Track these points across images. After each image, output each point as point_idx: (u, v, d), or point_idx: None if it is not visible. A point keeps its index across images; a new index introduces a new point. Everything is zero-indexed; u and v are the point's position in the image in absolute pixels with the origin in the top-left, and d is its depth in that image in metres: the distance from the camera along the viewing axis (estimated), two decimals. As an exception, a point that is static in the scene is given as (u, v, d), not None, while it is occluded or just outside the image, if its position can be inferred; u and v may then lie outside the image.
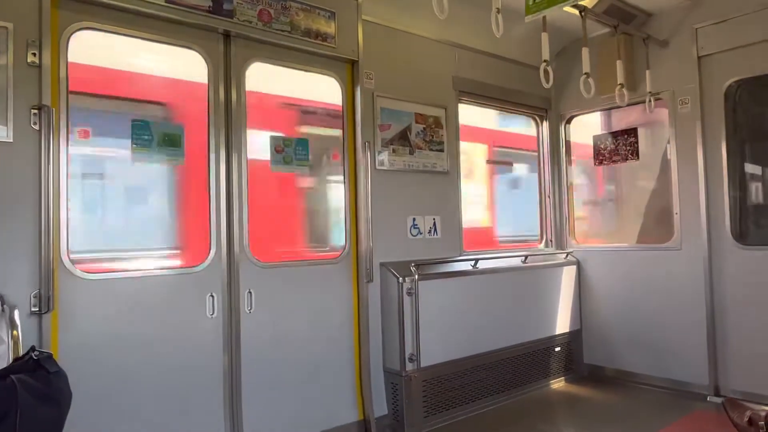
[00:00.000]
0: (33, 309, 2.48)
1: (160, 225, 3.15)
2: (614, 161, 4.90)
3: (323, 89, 3.69)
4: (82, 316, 2.67)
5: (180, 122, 3.09)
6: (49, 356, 1.77)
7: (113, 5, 2.78)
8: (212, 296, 3.09)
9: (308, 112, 3.75)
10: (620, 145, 4.84)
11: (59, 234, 2.61)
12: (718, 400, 3.96)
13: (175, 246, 3.20)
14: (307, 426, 3.40)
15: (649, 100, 4.28)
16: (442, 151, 4.21)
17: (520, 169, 5.42)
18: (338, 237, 3.72)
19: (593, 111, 4.98)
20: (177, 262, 3.10)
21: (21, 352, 1.90)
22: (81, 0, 2.71)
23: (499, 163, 5.19)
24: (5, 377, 1.63)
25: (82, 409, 2.40)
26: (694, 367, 4.21)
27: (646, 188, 4.80)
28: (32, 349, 1.77)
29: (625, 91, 4.03)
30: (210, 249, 3.12)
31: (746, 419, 3.16)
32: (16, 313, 1.98)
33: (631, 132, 4.77)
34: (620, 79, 4.04)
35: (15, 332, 1.92)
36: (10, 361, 1.86)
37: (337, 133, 3.74)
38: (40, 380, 1.69)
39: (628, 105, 4.32)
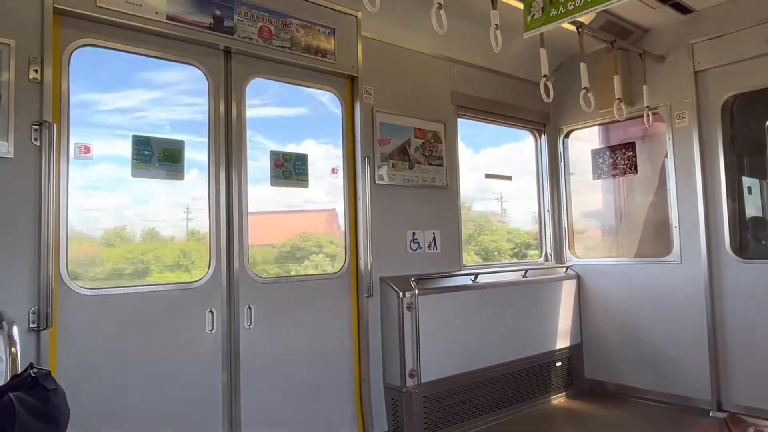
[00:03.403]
0: (32, 325, 2.47)
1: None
2: (613, 175, 4.92)
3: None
4: (81, 332, 2.65)
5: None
6: (48, 373, 1.75)
7: (115, 22, 2.80)
8: (211, 312, 3.08)
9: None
10: (618, 159, 4.86)
11: (59, 250, 2.61)
12: (721, 415, 3.93)
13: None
14: (306, 443, 3.37)
15: (647, 114, 4.31)
16: (441, 165, 4.22)
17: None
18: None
19: (591, 125, 5.01)
20: (176, 278, 3.09)
21: (19, 369, 1.88)
22: (83, 17, 2.73)
23: (498, 177, 5.18)
24: (3, 395, 1.61)
25: (80, 427, 2.38)
26: (696, 382, 4.18)
27: (644, 202, 4.81)
28: (30, 366, 1.75)
29: (623, 105, 4.07)
30: (209, 264, 3.11)
31: (750, 435, 3.13)
32: (15, 329, 1.96)
33: (629, 146, 4.80)
34: (618, 93, 4.07)
35: (13, 349, 1.90)
36: (8, 378, 1.84)
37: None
38: (38, 398, 1.67)
39: (626, 119, 4.36)
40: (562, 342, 4.72)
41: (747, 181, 4.28)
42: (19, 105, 2.50)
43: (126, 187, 2.93)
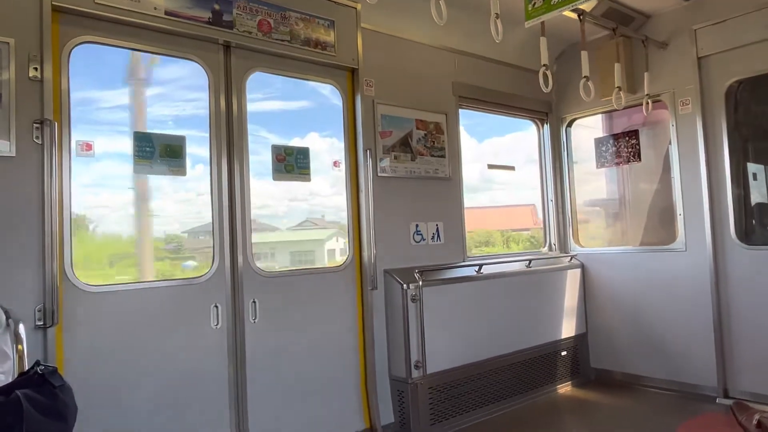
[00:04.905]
0: (38, 323, 2.48)
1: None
2: (616, 163, 4.90)
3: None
4: (87, 328, 2.66)
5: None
6: (54, 370, 1.76)
7: (113, 18, 2.79)
8: (216, 307, 3.09)
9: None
10: (622, 147, 4.83)
11: (63, 247, 2.62)
12: (728, 402, 3.93)
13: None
14: (313, 435, 3.39)
15: (646, 102, 4.28)
16: (443, 156, 4.21)
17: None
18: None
19: (594, 114, 4.98)
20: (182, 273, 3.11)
21: (26, 367, 1.89)
22: (81, 14, 2.72)
23: (501, 167, 5.16)
24: (10, 392, 1.62)
25: (88, 423, 2.40)
26: (702, 369, 4.18)
27: (648, 190, 4.79)
28: (37, 363, 1.76)
29: (622, 94, 4.04)
30: (213, 259, 3.12)
31: (755, 422, 3.13)
32: (21, 327, 1.97)
33: (633, 134, 4.77)
34: (618, 82, 4.04)
35: (20, 347, 1.91)
36: (16, 375, 1.85)
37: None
38: (45, 395, 1.68)
39: (626, 107, 4.33)
40: (567, 331, 4.72)
41: (752, 167, 4.25)
42: (19, 103, 2.50)
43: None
